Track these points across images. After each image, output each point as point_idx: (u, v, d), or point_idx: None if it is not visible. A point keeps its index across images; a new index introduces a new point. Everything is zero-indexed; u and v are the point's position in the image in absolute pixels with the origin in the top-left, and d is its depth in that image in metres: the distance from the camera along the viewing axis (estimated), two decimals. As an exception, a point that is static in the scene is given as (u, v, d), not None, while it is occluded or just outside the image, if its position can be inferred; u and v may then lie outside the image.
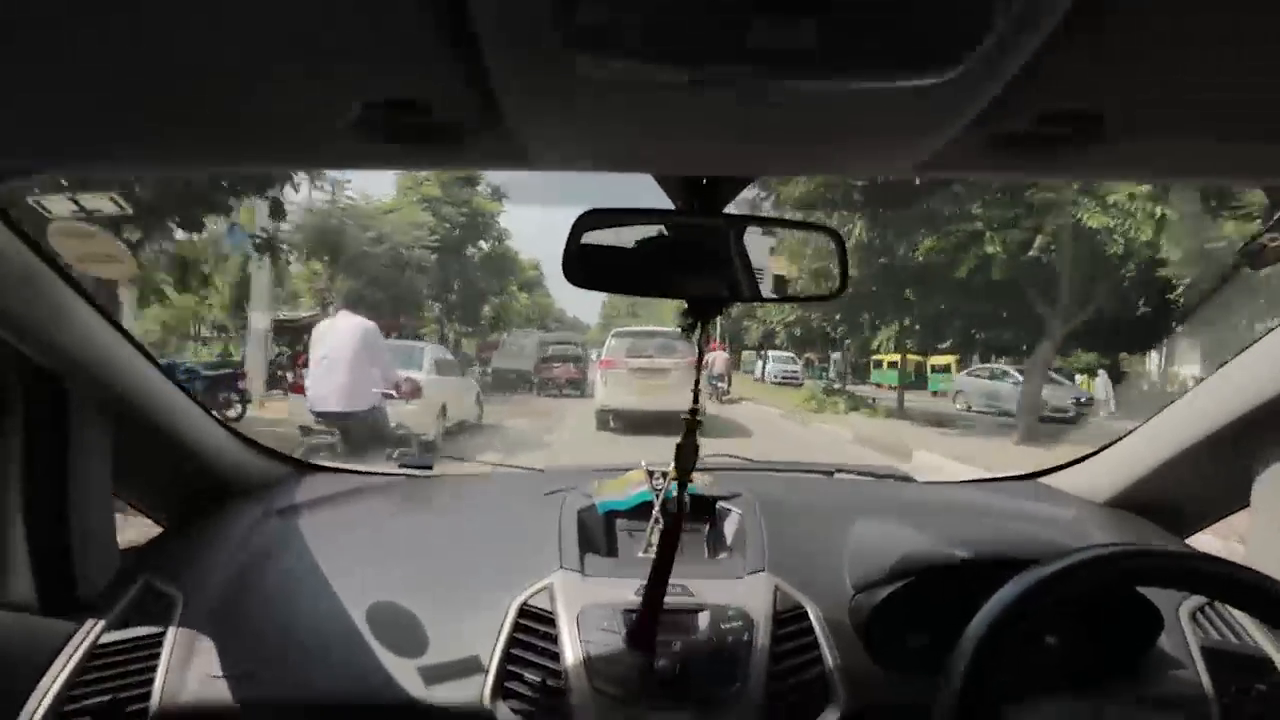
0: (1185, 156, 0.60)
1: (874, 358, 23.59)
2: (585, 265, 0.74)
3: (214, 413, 1.26)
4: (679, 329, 0.81)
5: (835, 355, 25.07)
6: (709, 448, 1.01)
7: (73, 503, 1.00)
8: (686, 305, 0.78)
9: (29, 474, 0.97)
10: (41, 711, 0.87)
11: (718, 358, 17.50)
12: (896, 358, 17.52)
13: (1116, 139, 0.52)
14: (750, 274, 0.79)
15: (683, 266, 0.77)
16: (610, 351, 10.30)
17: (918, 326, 12.43)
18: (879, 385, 23.81)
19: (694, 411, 0.83)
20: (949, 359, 21.36)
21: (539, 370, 15.89)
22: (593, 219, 0.72)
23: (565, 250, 0.72)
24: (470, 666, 0.92)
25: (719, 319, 0.83)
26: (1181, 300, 9.60)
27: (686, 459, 0.84)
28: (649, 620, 0.88)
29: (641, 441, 7.28)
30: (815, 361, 28.12)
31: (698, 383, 0.84)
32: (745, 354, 29.87)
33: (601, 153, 0.62)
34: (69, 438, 0.99)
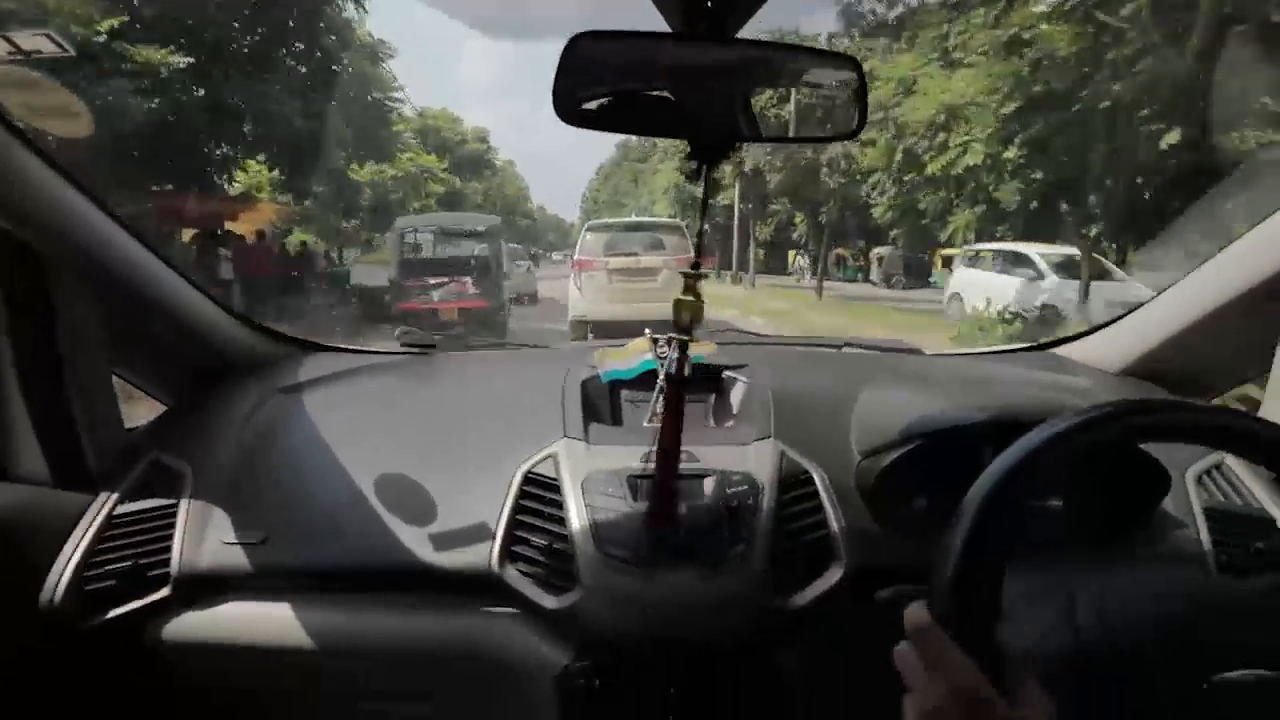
0: None
1: (943, 253, 18.13)
2: (576, 98, 0.67)
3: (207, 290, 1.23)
4: (668, 222, 0.74)
5: (882, 251, 21.81)
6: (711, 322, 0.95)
7: (69, 377, 0.99)
8: (689, 148, 0.71)
9: (19, 349, 0.95)
10: (66, 577, 0.90)
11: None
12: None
13: None
14: (760, 110, 0.71)
15: (686, 101, 0.70)
16: (585, 249, 8.56)
17: (1015, 208, 9.22)
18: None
19: (695, 265, 0.78)
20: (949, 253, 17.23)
21: (398, 292, 9.64)
22: (587, 43, 0.65)
23: (555, 80, 0.65)
24: (477, 532, 0.94)
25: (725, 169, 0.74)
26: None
27: (684, 315, 0.79)
28: (666, 489, 0.86)
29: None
30: (849, 260, 25.29)
31: (700, 234, 0.78)
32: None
33: None
34: (55, 312, 0.96)
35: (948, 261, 16.58)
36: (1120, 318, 1.33)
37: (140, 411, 1.25)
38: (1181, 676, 0.55)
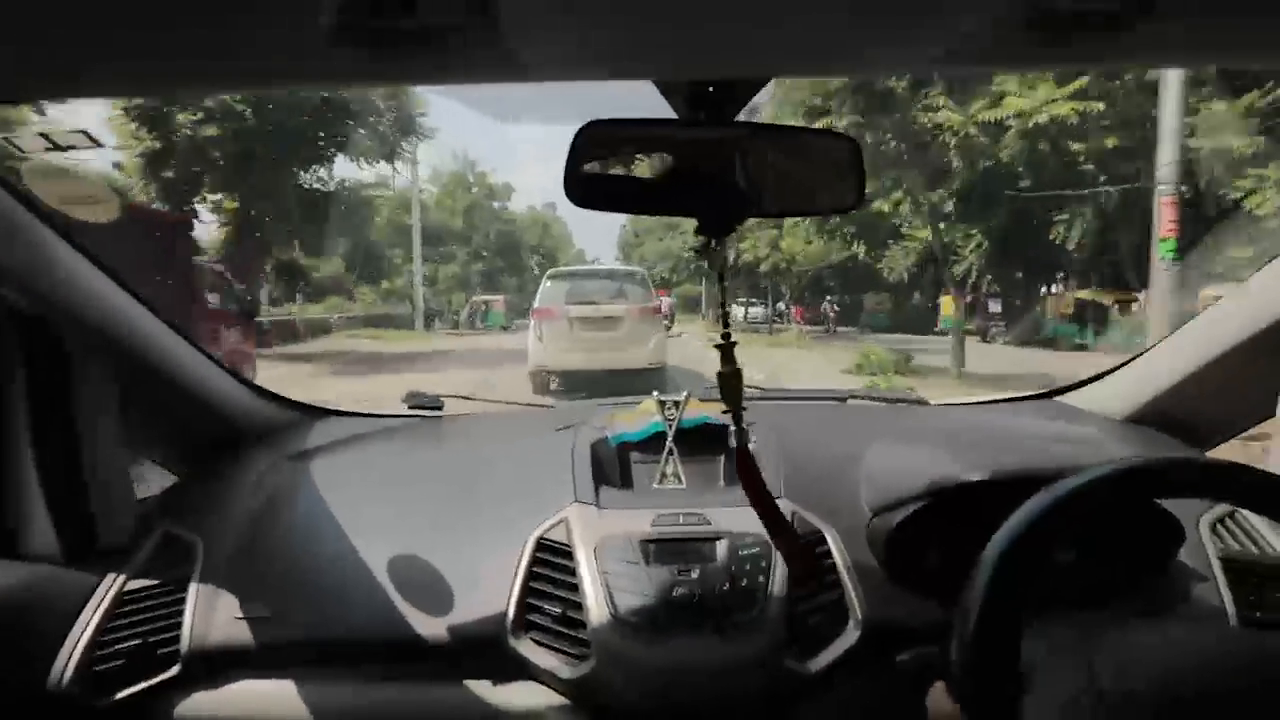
0: (1243, 35, 0.54)
1: (942, 298, 18.41)
2: (587, 183, 0.70)
3: (218, 358, 1.25)
4: (629, 270, 0.76)
5: (873, 298, 23.15)
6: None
7: (84, 451, 0.99)
8: (698, 224, 0.74)
9: (36, 424, 0.96)
10: (75, 658, 0.89)
11: (664, 301, 18.02)
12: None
13: (1165, 17, 0.46)
14: (764, 187, 0.74)
15: (691, 181, 0.72)
16: (546, 297, 8.28)
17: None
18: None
19: (726, 335, 0.78)
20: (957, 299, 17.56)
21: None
22: (595, 131, 0.67)
23: (566, 167, 0.68)
24: (490, 602, 0.93)
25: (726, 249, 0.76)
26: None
27: (733, 388, 0.78)
28: (790, 542, 0.85)
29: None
30: (831, 312, 24.37)
31: (723, 305, 0.79)
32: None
33: (602, 58, 0.57)
34: (70, 386, 0.97)
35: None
36: (1124, 364, 1.34)
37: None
38: None
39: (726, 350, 0.78)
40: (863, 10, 0.48)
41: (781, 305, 26.04)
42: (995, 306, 18.23)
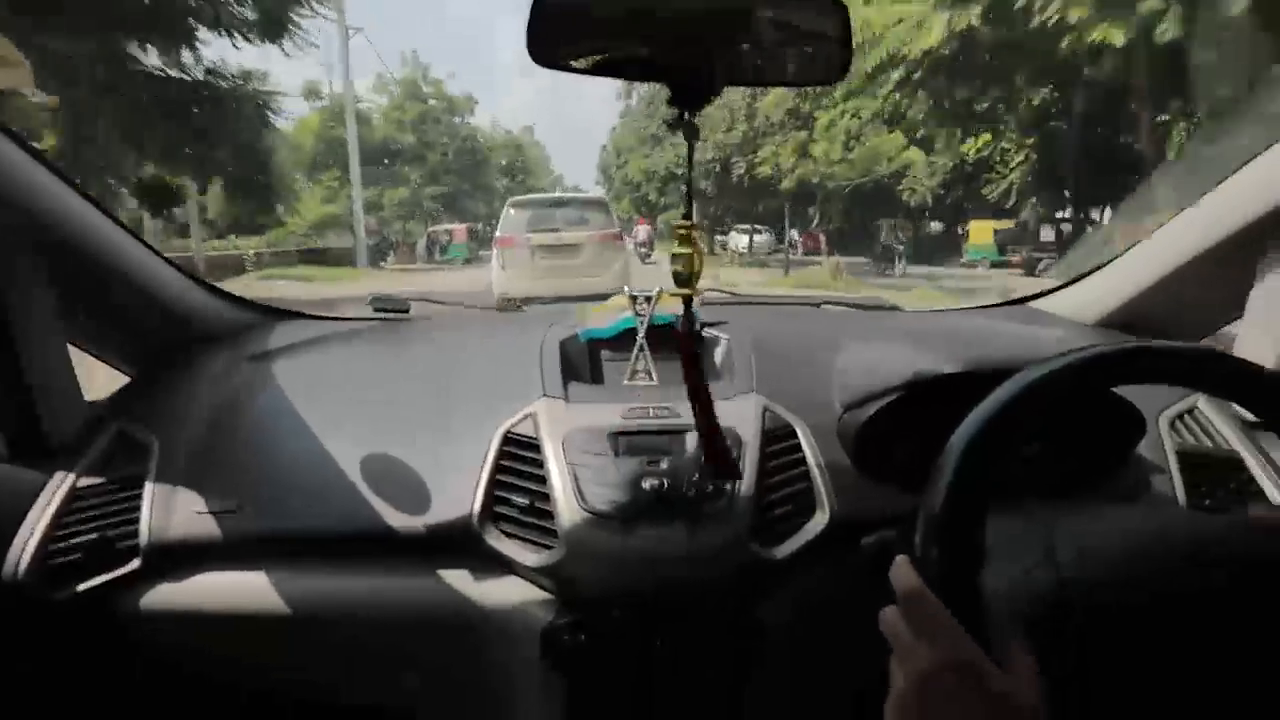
0: None
1: (969, 224, 16.15)
2: (551, 39, 0.65)
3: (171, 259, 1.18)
4: (591, 198, 0.71)
5: (888, 222, 17.33)
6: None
7: (23, 349, 0.95)
8: (670, 93, 0.69)
9: None
10: (29, 552, 0.87)
11: (641, 229, 17.77)
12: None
13: None
14: (742, 54, 0.69)
15: (664, 45, 0.67)
16: (508, 225, 8.31)
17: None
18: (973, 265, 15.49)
19: (687, 215, 0.75)
20: (989, 224, 14.99)
21: None
22: None
23: (529, 20, 0.63)
24: (456, 494, 0.92)
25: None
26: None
27: (687, 268, 0.76)
28: (713, 441, 0.84)
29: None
30: (822, 242, 21.01)
31: (689, 184, 0.75)
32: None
33: None
34: (9, 284, 0.92)
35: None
36: (1096, 270, 1.35)
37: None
38: (1161, 614, 0.56)
39: (686, 236, 0.76)
40: None
41: (795, 234, 20.72)
42: (1047, 234, 15.03)
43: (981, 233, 15.79)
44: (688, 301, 0.80)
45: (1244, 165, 1.03)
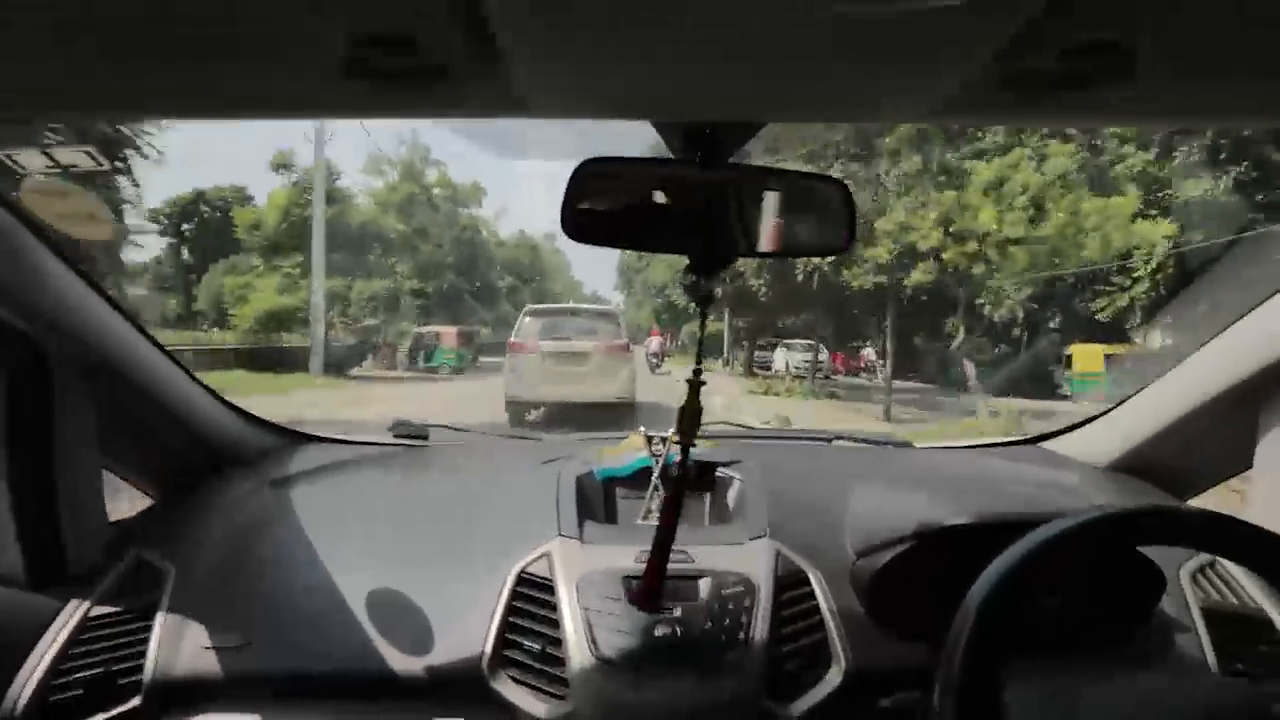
0: (1224, 96, 0.57)
1: (1072, 348, 12.53)
2: (583, 218, 0.71)
3: (203, 382, 1.23)
4: (602, 310, 0.78)
5: (969, 339, 13.58)
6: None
7: (59, 473, 0.97)
8: (689, 262, 0.75)
9: (12, 443, 0.94)
10: (33, 685, 0.86)
11: (654, 340, 18.34)
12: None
13: (1148, 76, 0.49)
14: (755, 228, 0.76)
15: (685, 220, 0.74)
16: (522, 332, 8.68)
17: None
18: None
19: (697, 373, 0.80)
20: (1099, 349, 11.53)
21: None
22: (592, 168, 0.70)
23: (563, 202, 0.70)
24: (468, 636, 0.91)
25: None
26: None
27: (690, 423, 0.81)
28: (655, 581, 0.86)
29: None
30: (866, 361, 19.43)
31: (700, 344, 0.81)
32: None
33: (601, 97, 0.59)
34: (52, 405, 0.96)
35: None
36: (1107, 412, 1.36)
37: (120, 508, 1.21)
38: None
39: (694, 386, 0.81)
40: (856, 60, 0.50)
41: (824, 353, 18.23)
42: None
43: (1089, 358, 12.42)
44: (685, 449, 0.83)
45: (1245, 314, 1.06)
